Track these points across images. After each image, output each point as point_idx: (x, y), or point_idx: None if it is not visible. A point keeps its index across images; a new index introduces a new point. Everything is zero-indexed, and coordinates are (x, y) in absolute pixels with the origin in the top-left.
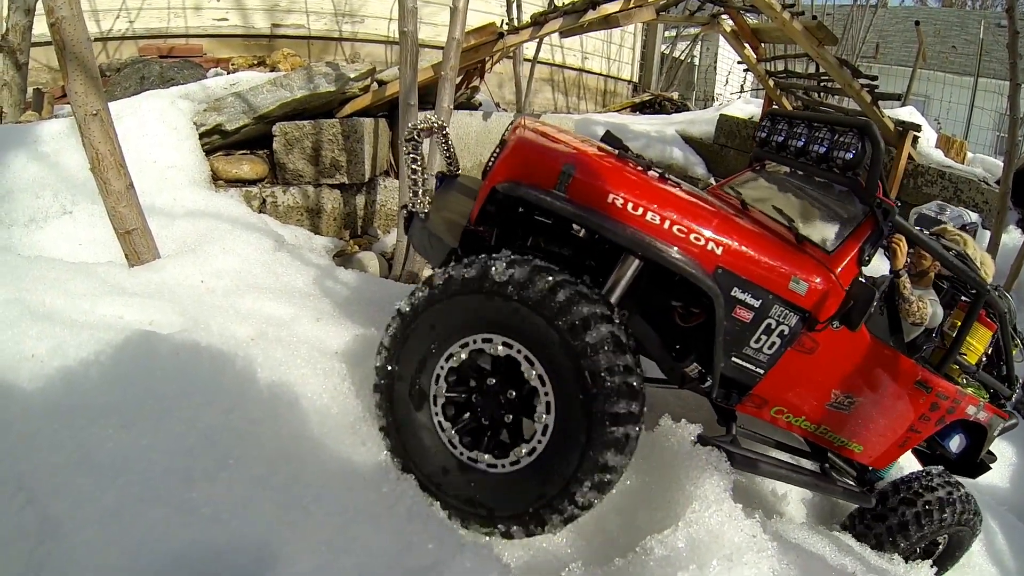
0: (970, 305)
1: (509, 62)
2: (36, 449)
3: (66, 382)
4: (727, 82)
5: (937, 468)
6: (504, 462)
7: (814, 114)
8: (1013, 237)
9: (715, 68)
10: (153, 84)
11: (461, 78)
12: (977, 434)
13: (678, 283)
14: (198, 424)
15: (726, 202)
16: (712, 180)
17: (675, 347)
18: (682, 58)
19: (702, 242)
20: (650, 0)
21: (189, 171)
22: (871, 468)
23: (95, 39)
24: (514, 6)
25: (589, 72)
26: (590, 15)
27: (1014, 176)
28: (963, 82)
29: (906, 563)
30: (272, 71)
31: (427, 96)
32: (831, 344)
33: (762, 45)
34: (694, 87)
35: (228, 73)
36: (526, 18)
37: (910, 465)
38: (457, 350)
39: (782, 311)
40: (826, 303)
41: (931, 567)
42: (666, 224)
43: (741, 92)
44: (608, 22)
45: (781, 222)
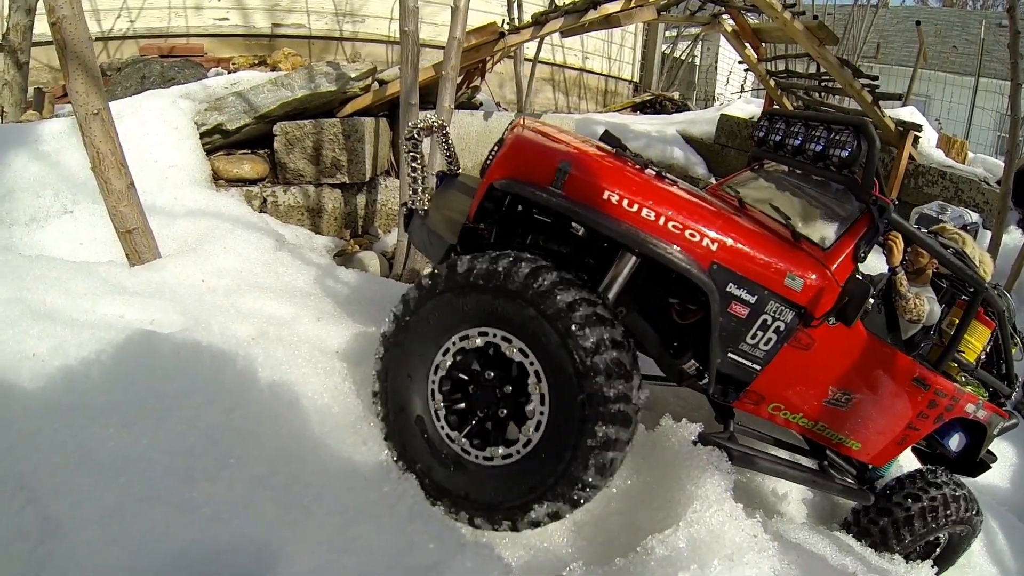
0: (968, 303)
1: (510, 62)
2: (37, 448)
3: (67, 381)
4: (728, 82)
5: (937, 467)
6: (497, 455)
7: (811, 113)
8: (1014, 237)
9: (716, 68)
10: (154, 84)
11: (462, 78)
12: (977, 433)
13: (675, 280)
14: (199, 423)
15: (724, 200)
16: (712, 180)
17: (673, 344)
18: (683, 58)
19: (697, 238)
20: (651, 0)
21: (190, 170)
22: (871, 466)
23: (96, 39)
24: (515, 6)
25: (590, 72)
26: (591, 15)
27: (1015, 176)
28: (964, 82)
29: (907, 563)
30: (273, 71)
31: (428, 96)
32: (827, 340)
33: (763, 45)
34: (695, 87)
35: (229, 73)
36: (527, 18)
37: (910, 464)
38: (456, 343)
39: (778, 307)
40: (822, 299)
41: (931, 567)
42: (661, 220)
43: (742, 92)
44: (609, 22)
45: (778, 220)
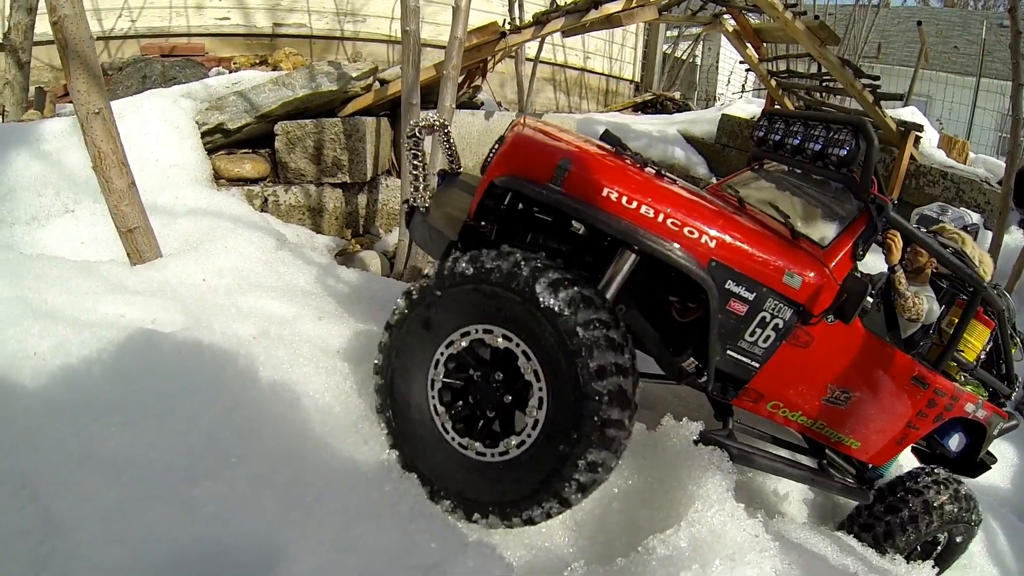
0: (967, 302)
1: (511, 61)
2: (38, 446)
3: (68, 380)
4: (729, 82)
5: (934, 467)
6: (495, 451)
7: (809, 113)
8: (1015, 238)
9: (717, 68)
10: (155, 83)
11: (463, 77)
12: (977, 433)
13: (675, 278)
14: (200, 422)
15: (723, 199)
16: (714, 179)
17: (672, 342)
18: (684, 58)
19: (696, 235)
20: (652, 0)
21: (191, 170)
22: (870, 465)
23: (97, 38)
24: (516, 5)
25: (591, 72)
26: (592, 14)
27: (1016, 177)
28: (965, 82)
29: (907, 562)
30: (274, 70)
31: (429, 95)
32: (826, 338)
33: (764, 45)
34: (696, 87)
35: (230, 72)
36: (528, 17)
37: (911, 464)
38: (457, 339)
39: (776, 304)
40: (820, 297)
41: (932, 567)
42: (660, 217)
43: (743, 92)
44: (610, 22)
45: (777, 219)
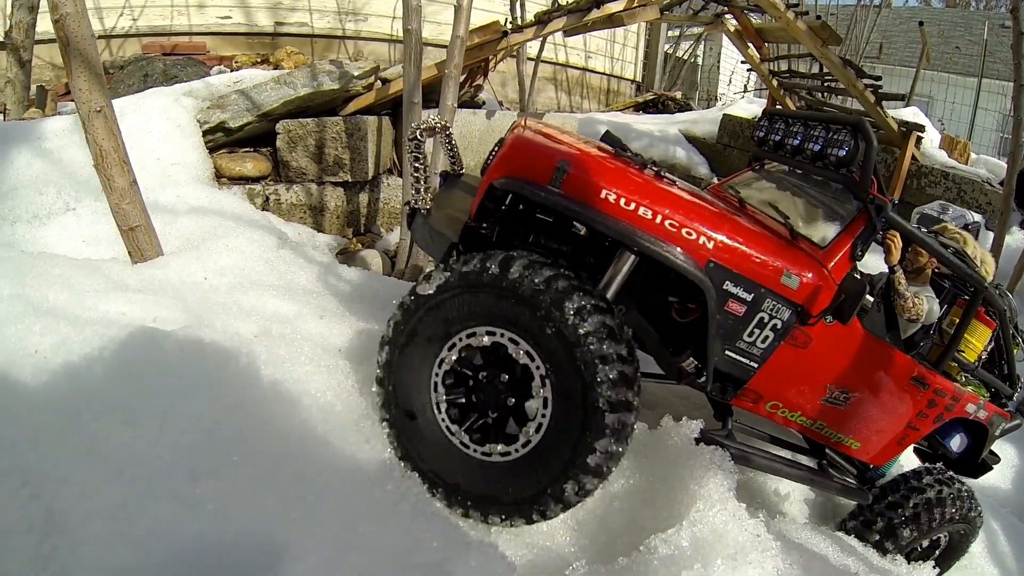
0: (968, 302)
1: (512, 61)
2: (41, 444)
3: (70, 378)
4: (730, 82)
5: (935, 466)
6: (503, 450)
7: (809, 113)
8: (1017, 238)
9: (718, 68)
10: (156, 82)
11: (465, 76)
12: (978, 433)
13: (674, 279)
14: (202, 421)
15: (723, 200)
16: (715, 179)
17: (672, 342)
18: (686, 58)
19: (694, 236)
20: (654, 0)
21: (192, 168)
22: (871, 465)
23: (98, 36)
24: (518, 5)
25: (592, 71)
26: (594, 14)
27: (1018, 177)
28: (967, 83)
29: (908, 563)
30: (275, 69)
31: (431, 94)
32: (825, 339)
33: (766, 45)
34: (697, 87)
35: (231, 71)
36: (530, 17)
37: (912, 464)
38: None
39: (774, 305)
40: (818, 297)
41: (933, 567)
42: (658, 219)
43: (744, 92)
44: (612, 21)
45: (777, 219)
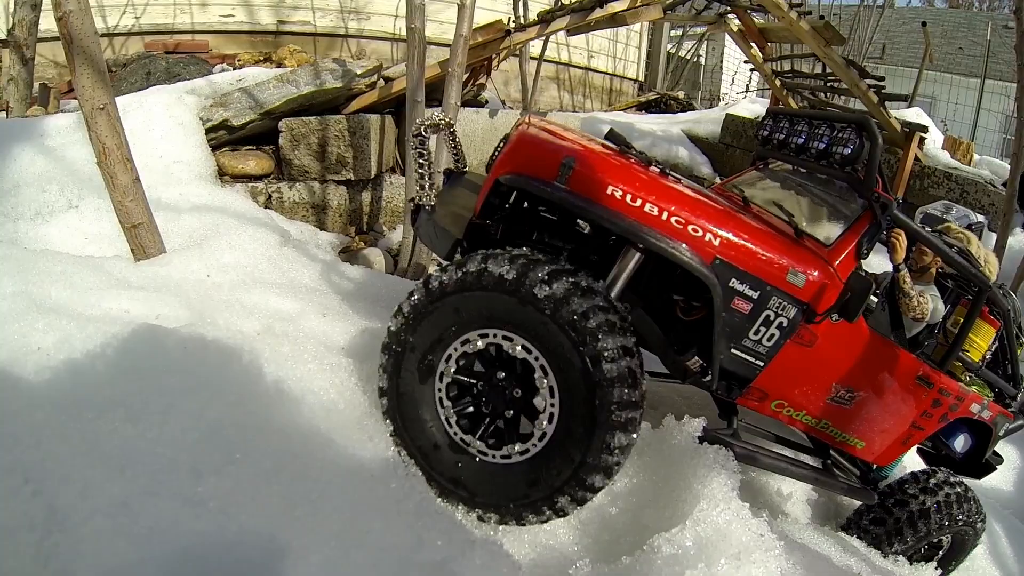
0: (972, 301)
1: (515, 60)
2: (42, 441)
3: (72, 375)
4: (733, 81)
5: (941, 468)
6: (521, 448)
7: (813, 111)
8: (1019, 239)
9: (721, 67)
10: (159, 80)
11: (467, 75)
12: (982, 434)
13: (680, 276)
14: (205, 418)
15: (728, 198)
16: (718, 179)
17: (677, 341)
18: (688, 57)
19: (700, 233)
20: None
21: (195, 166)
22: (875, 466)
23: (101, 35)
24: (520, 4)
25: (595, 71)
26: (597, 13)
27: (1021, 178)
28: (970, 84)
29: (910, 564)
30: (278, 67)
31: (434, 93)
32: (830, 337)
33: (769, 45)
34: (700, 86)
35: (234, 69)
36: (533, 16)
37: (915, 465)
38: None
39: (780, 303)
40: (824, 295)
41: (935, 568)
42: (664, 216)
43: (747, 92)
44: (615, 20)
45: (782, 218)
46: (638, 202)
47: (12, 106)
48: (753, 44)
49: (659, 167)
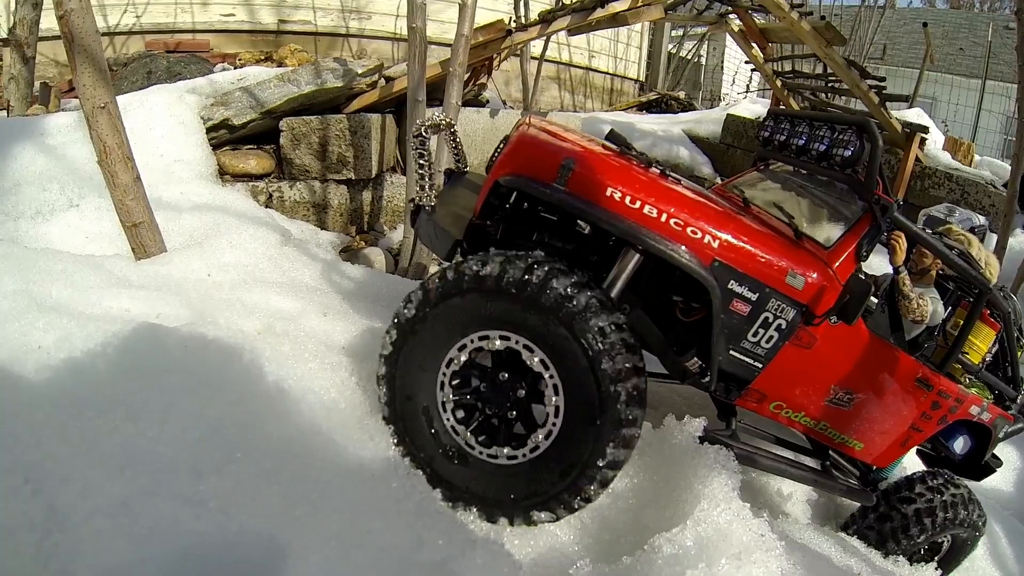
0: (972, 303)
1: (516, 60)
2: (42, 440)
3: (73, 373)
4: (734, 82)
5: (941, 469)
6: (510, 454)
7: (814, 113)
8: (1020, 240)
9: (722, 68)
10: (160, 79)
11: (468, 75)
12: (982, 436)
13: (679, 278)
14: (205, 417)
15: (728, 200)
16: (718, 179)
17: (676, 342)
18: (689, 57)
19: (699, 235)
20: None
21: (196, 165)
22: (874, 467)
23: (102, 33)
24: (522, 3)
25: (596, 71)
26: (598, 13)
27: (1022, 179)
28: (970, 84)
29: (910, 565)
30: (279, 66)
31: (434, 93)
32: (829, 339)
33: (770, 45)
34: (701, 86)
35: (235, 68)
36: (534, 16)
37: (915, 466)
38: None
39: (779, 305)
40: (823, 297)
41: (935, 570)
42: (663, 217)
43: (748, 92)
44: (616, 20)
45: (782, 219)
46: (637, 204)
47: (13, 105)
48: (754, 44)
49: (659, 168)
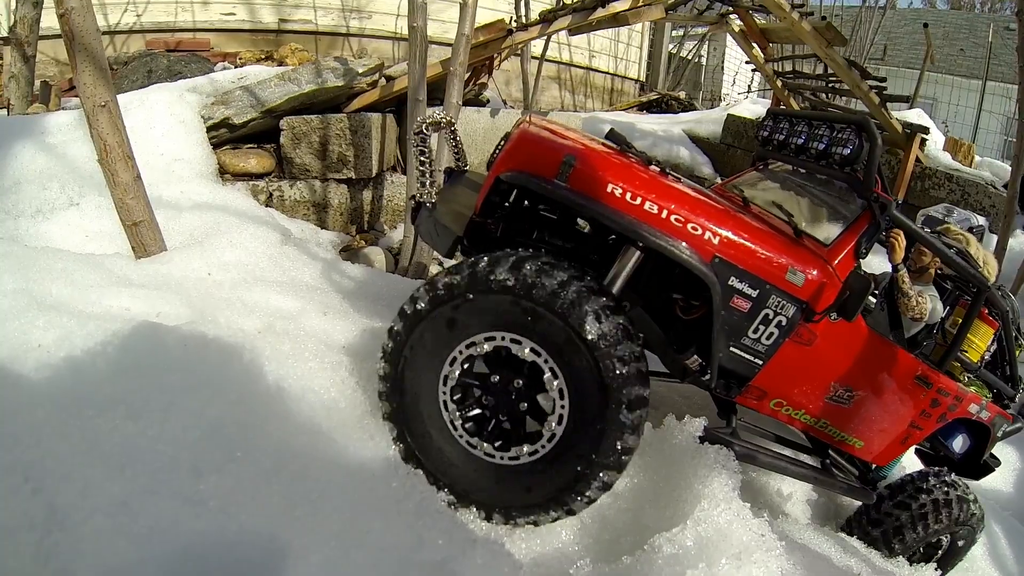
0: (971, 302)
1: (516, 59)
2: (42, 439)
3: (73, 372)
4: (734, 82)
5: (940, 468)
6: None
7: (813, 112)
8: (1020, 241)
9: (722, 68)
10: (160, 77)
11: (469, 75)
12: (980, 434)
13: (679, 275)
14: (205, 416)
15: (727, 198)
16: (718, 179)
17: (676, 339)
18: (689, 57)
19: (700, 232)
20: None
21: (196, 164)
22: (873, 466)
23: (103, 32)
24: (522, 3)
25: (596, 70)
26: (599, 13)
27: (1022, 180)
28: (971, 85)
29: (909, 564)
30: (279, 66)
31: (435, 92)
32: (829, 336)
33: (770, 45)
34: (701, 87)
35: (235, 67)
36: (534, 15)
37: (914, 465)
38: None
39: (780, 301)
40: (823, 294)
41: (934, 569)
42: (664, 214)
43: (748, 92)
44: (617, 20)
45: (781, 217)
46: (638, 200)
47: (13, 103)
48: (755, 44)
49: (659, 166)
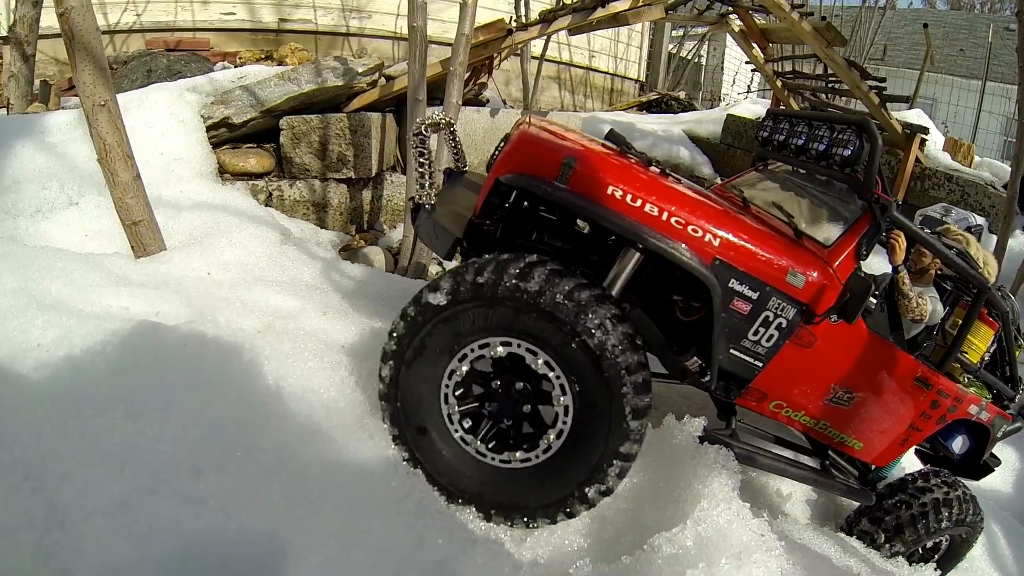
0: (971, 302)
1: (516, 59)
2: (42, 439)
3: (72, 372)
4: (734, 82)
5: (939, 469)
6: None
7: (813, 113)
8: (1020, 241)
9: (722, 68)
10: (160, 77)
11: (469, 74)
12: (980, 435)
13: (679, 277)
14: (205, 416)
15: (727, 199)
16: (718, 179)
17: (676, 341)
18: (689, 57)
19: (700, 234)
20: None
21: (196, 164)
22: (873, 467)
23: (102, 32)
24: (522, 3)
25: (596, 70)
26: (599, 13)
27: (1021, 180)
28: (971, 85)
29: (909, 564)
30: (279, 65)
31: (435, 92)
32: (829, 338)
33: (770, 45)
34: (701, 87)
35: (235, 67)
36: (534, 15)
37: (914, 466)
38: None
39: (780, 303)
40: (823, 296)
41: (934, 570)
42: (664, 216)
43: (748, 92)
44: (617, 20)
45: (781, 218)
46: (638, 202)
47: (13, 103)
48: (755, 45)
49: (659, 167)
